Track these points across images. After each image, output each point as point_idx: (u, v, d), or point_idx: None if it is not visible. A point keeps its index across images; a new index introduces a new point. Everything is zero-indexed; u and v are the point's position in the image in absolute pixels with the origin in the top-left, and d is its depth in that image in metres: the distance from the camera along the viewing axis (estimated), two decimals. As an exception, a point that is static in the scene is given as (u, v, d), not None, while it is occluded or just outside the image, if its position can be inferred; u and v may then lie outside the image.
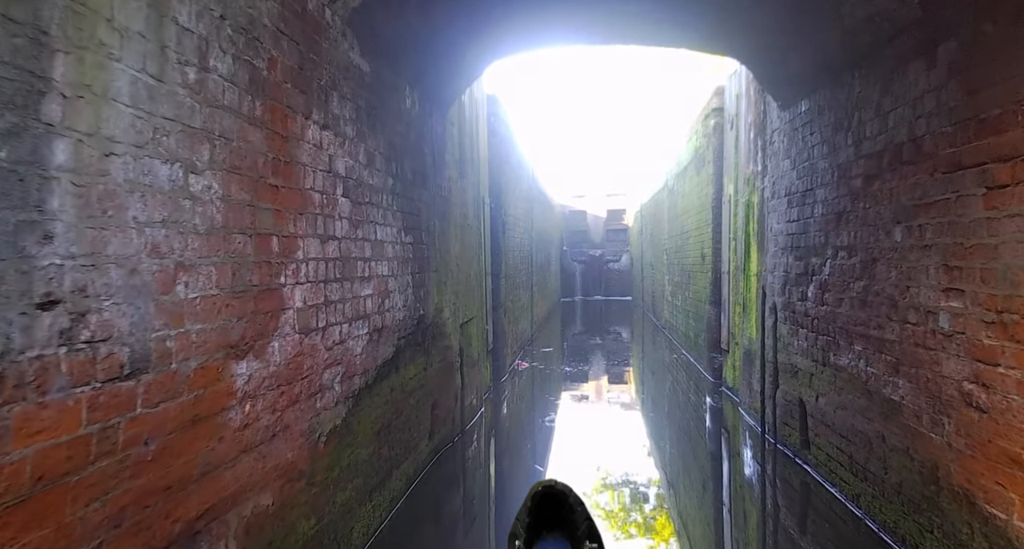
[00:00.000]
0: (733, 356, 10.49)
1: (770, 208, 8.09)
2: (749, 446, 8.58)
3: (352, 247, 4.83)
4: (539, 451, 8.77)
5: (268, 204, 3.61)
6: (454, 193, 8.25)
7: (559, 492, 2.86)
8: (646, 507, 6.72)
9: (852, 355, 5.71)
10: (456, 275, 8.25)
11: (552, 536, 2.80)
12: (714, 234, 11.89)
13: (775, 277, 7.83)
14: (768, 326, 8.09)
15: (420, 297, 6.60)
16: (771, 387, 7.96)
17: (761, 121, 8.62)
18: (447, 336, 7.72)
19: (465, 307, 8.85)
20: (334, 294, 4.49)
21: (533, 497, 2.87)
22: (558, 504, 2.86)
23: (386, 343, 5.59)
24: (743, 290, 9.63)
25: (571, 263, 36.80)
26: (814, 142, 6.64)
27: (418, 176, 6.64)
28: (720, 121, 11.65)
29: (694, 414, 10.61)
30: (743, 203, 9.72)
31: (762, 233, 8.53)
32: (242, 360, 3.34)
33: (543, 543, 2.79)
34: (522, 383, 12.84)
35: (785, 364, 7.46)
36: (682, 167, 15.59)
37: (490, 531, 6.06)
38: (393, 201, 5.81)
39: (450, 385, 7.88)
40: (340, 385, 4.64)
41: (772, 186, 8.03)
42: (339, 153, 4.64)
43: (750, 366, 9.03)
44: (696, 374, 13.09)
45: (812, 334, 6.63)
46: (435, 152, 7.36)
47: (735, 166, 10.45)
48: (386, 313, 5.54)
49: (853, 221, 5.70)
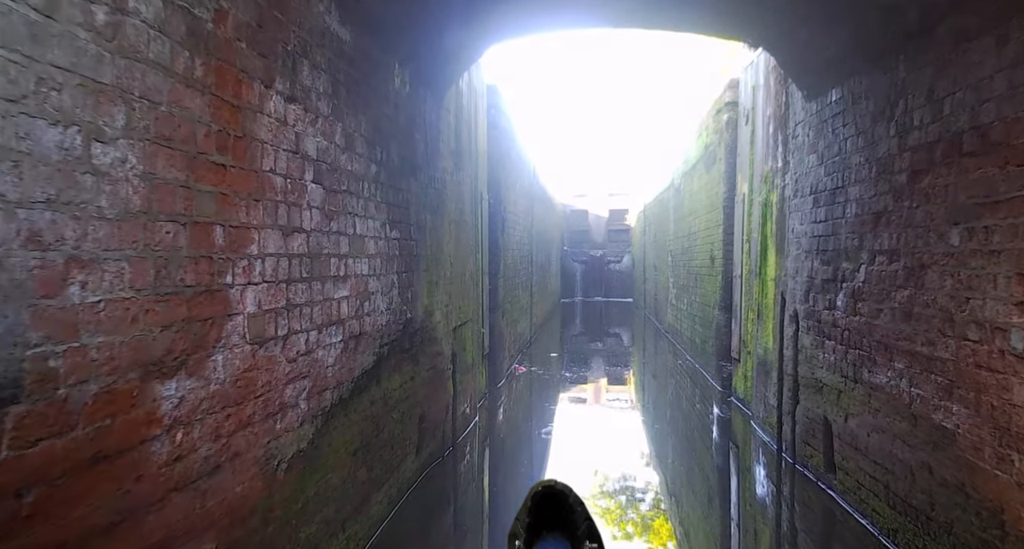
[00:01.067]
0: (745, 365, 9.84)
1: (792, 207, 7.44)
2: (763, 464, 7.93)
3: (324, 241, 4.18)
4: (536, 465, 8.11)
5: (211, 186, 2.96)
6: (449, 186, 7.60)
7: (559, 492, 2.80)
8: (652, 526, 6.07)
9: (892, 373, 5.06)
10: (449, 275, 7.60)
11: (552, 536, 2.75)
12: (725, 235, 11.23)
13: (797, 283, 7.18)
14: (788, 336, 7.44)
15: (407, 299, 5.95)
16: (790, 402, 7.31)
17: (782, 114, 7.97)
18: (438, 341, 7.06)
19: (459, 309, 8.20)
20: (300, 296, 3.83)
21: (533, 497, 2.81)
22: (558, 504, 2.80)
23: (365, 351, 4.93)
24: (758, 295, 8.98)
25: (572, 263, 36.14)
26: (847, 134, 5.98)
27: (407, 165, 5.99)
28: (734, 115, 10.99)
29: (701, 425, 9.96)
30: (759, 202, 9.07)
31: (781, 235, 7.87)
32: (170, 379, 2.69)
33: (543, 543, 2.73)
34: (520, 389, 12.19)
35: (808, 378, 6.80)
36: (690, 165, 14.94)
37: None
38: (377, 191, 5.15)
39: (441, 395, 7.23)
40: (307, 402, 3.99)
41: (795, 184, 7.38)
42: (309, 132, 3.99)
43: (765, 378, 8.38)
44: (702, 382, 12.44)
45: (841, 347, 5.98)
46: (428, 140, 6.70)
47: (750, 163, 9.80)
48: (365, 317, 4.88)
49: (896, 222, 5.05)
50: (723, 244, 11.30)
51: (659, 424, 10.16)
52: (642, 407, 11.56)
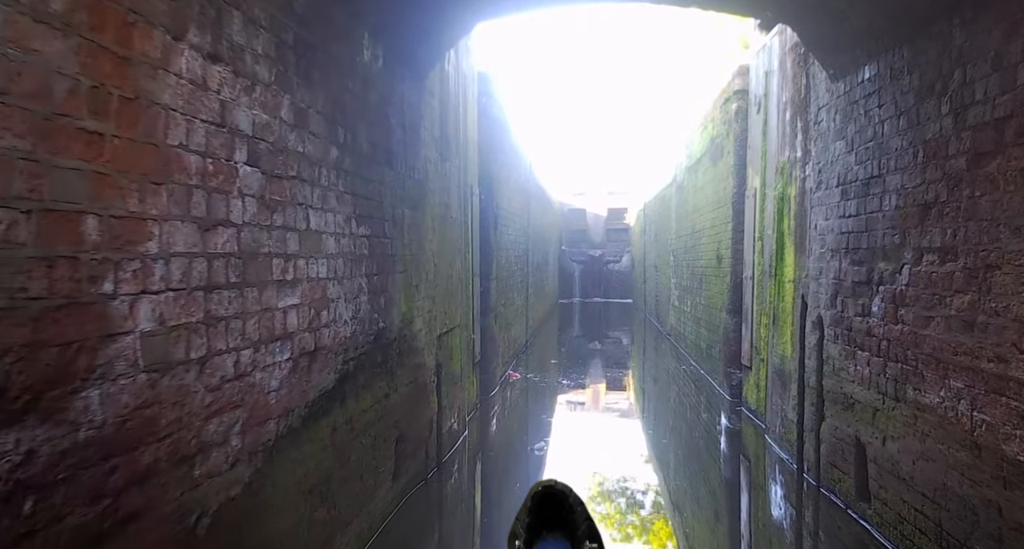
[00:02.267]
0: (757, 374, 9.08)
1: (815, 201, 6.67)
2: (781, 484, 7.16)
3: (264, 238, 3.40)
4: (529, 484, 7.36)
5: (78, 161, 2.18)
6: (432, 178, 6.83)
7: (559, 492, 2.77)
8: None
9: (947, 393, 4.29)
10: (433, 277, 6.82)
11: (552, 536, 2.73)
12: (734, 233, 10.46)
13: (821, 285, 6.41)
14: (810, 344, 6.67)
15: (379, 305, 5.17)
16: (814, 418, 6.54)
17: (802, 98, 7.20)
18: (419, 351, 6.29)
19: (445, 315, 7.42)
20: (226, 307, 3.05)
21: (533, 497, 2.78)
22: (558, 504, 2.78)
23: (324, 369, 4.16)
24: (772, 298, 8.22)
25: (570, 263, 35.35)
26: (884, 116, 5.22)
27: (379, 151, 5.21)
28: (743, 104, 10.23)
29: (709, 438, 9.18)
30: (774, 197, 8.30)
31: (802, 231, 7.11)
32: (7, 429, 1.92)
33: (543, 543, 2.71)
34: (514, 398, 11.41)
35: (835, 392, 6.04)
36: (694, 159, 14.17)
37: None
38: (339, 179, 4.37)
39: (422, 411, 6.46)
40: (241, 437, 3.21)
41: (817, 175, 6.61)
42: (243, 101, 3.21)
43: (783, 389, 7.61)
44: (708, 390, 11.67)
45: (878, 359, 5.22)
46: (407, 125, 5.93)
47: (762, 155, 9.04)
48: (323, 330, 4.10)
49: (951, 215, 4.28)
50: (731, 242, 10.54)
51: (664, 437, 9.38)
52: (644, 417, 10.78)
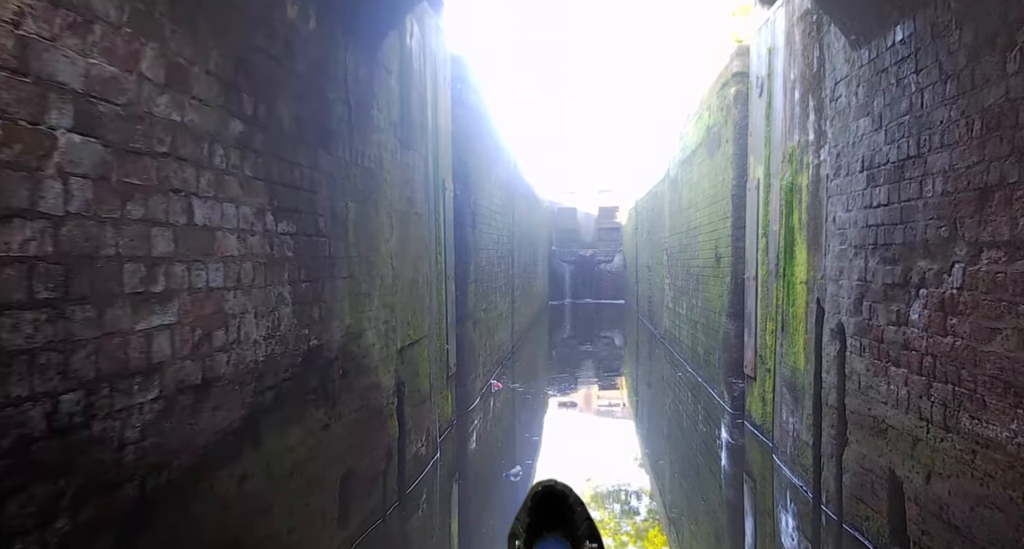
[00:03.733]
0: (762, 385, 8.17)
1: (832, 190, 5.77)
2: (795, 514, 6.26)
3: (106, 236, 2.46)
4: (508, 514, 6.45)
5: None
6: (390, 168, 5.90)
7: (559, 492, 2.54)
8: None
9: (1022, 426, 3.38)
10: (391, 282, 5.89)
11: (552, 536, 2.51)
12: (734, 229, 9.56)
13: (842, 287, 5.51)
14: (829, 356, 5.76)
15: (311, 319, 4.23)
16: (834, 442, 5.64)
17: (814, 73, 6.30)
18: (371, 370, 5.35)
19: (409, 324, 6.49)
20: (25, 334, 2.11)
21: (533, 497, 2.52)
22: (558, 504, 2.56)
23: (222, 406, 3.21)
24: (781, 301, 7.31)
25: (560, 264, 34.41)
26: (924, 83, 4.31)
27: (312, 131, 4.28)
28: (743, 88, 9.32)
29: (709, 453, 8.26)
30: (781, 188, 7.40)
31: (816, 225, 6.21)
32: None
33: (543, 543, 2.50)
34: (496, 412, 10.47)
35: (862, 414, 5.13)
36: (689, 152, 13.27)
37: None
38: (244, 161, 3.43)
39: (378, 438, 5.52)
40: (71, 516, 2.27)
41: (835, 159, 5.71)
42: (67, 43, 2.27)
43: (794, 405, 6.70)
44: (707, 400, 10.76)
45: (920, 378, 4.31)
46: (352, 103, 5.00)
47: (766, 142, 8.14)
48: (218, 355, 3.16)
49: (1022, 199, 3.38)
50: (731, 240, 9.63)
51: (661, 456, 8.46)
52: (638, 432, 9.86)
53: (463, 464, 7.96)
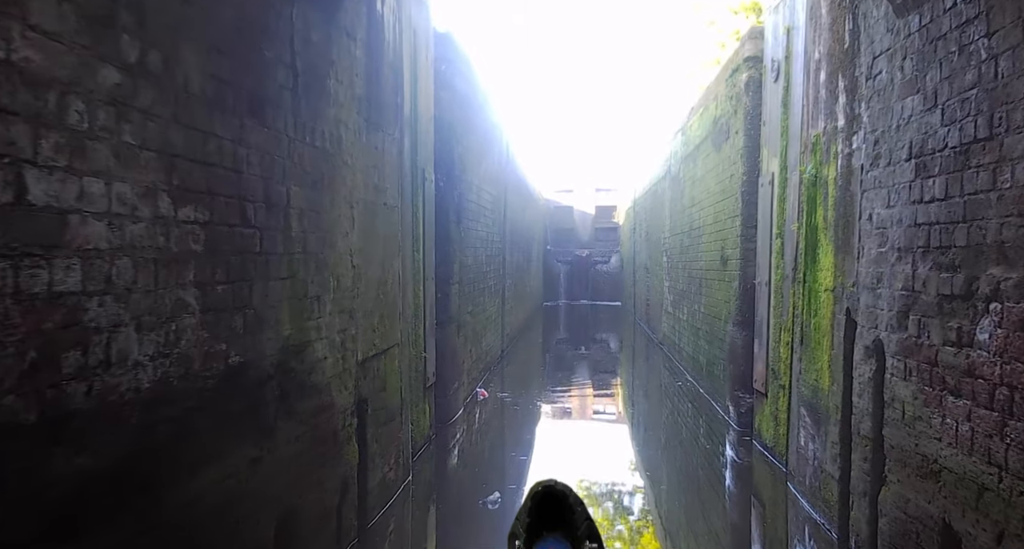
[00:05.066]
0: (775, 403, 7.34)
1: (869, 182, 4.94)
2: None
3: None
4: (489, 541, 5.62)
5: None
6: (351, 149, 5.05)
7: (559, 492, 2.62)
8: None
9: None
10: (351, 283, 5.04)
11: (552, 536, 2.61)
12: (743, 229, 8.72)
13: (881, 297, 4.67)
14: (862, 377, 4.93)
15: (232, 330, 3.38)
16: (868, 478, 4.80)
17: (846, 49, 5.47)
18: (321, 389, 4.50)
19: (375, 332, 5.65)
20: None
21: (533, 497, 2.61)
22: (558, 504, 2.63)
23: (78, 451, 2.36)
24: (800, 311, 6.48)
25: (556, 264, 33.54)
26: (1000, 47, 3.48)
27: (239, 95, 3.43)
28: (755, 74, 8.49)
29: (711, 471, 7.42)
30: (801, 182, 6.57)
31: (846, 224, 5.37)
32: None
33: (543, 543, 2.59)
34: (481, 426, 9.62)
35: (906, 450, 4.29)
36: (692, 147, 12.43)
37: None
38: (123, 123, 2.57)
39: (330, 468, 4.68)
40: None
41: (873, 146, 4.87)
42: None
43: (816, 429, 5.87)
44: (709, 413, 9.93)
45: (990, 413, 3.47)
46: (301, 68, 4.15)
47: (782, 131, 7.31)
48: (66, 385, 2.31)
49: None
50: (740, 240, 8.79)
51: (662, 477, 7.62)
52: (637, 450, 9.02)
53: (439, 488, 7.11)
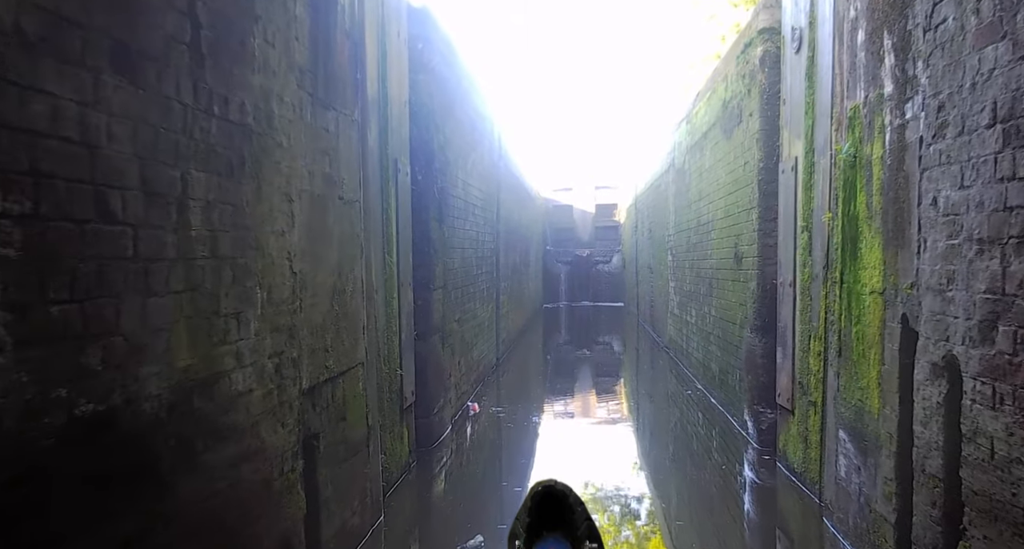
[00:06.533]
0: (804, 422, 6.37)
1: (931, 157, 3.97)
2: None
3: None
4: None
5: None
6: (288, 129, 4.09)
7: (559, 492, 2.46)
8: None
9: None
10: (290, 295, 4.08)
11: (552, 536, 2.46)
12: (761, 222, 7.75)
13: (953, 301, 3.71)
14: (928, 401, 3.95)
15: (81, 368, 2.42)
16: (936, 528, 3.83)
17: (891, 1, 4.51)
18: (244, 431, 3.54)
19: (328, 352, 4.69)
20: None
21: (533, 497, 2.44)
22: (558, 504, 2.48)
23: None
24: (836, 316, 5.51)
25: (555, 264, 32.55)
26: None
27: (101, 45, 2.47)
28: (773, 47, 7.52)
29: (726, 491, 6.43)
30: (835, 164, 5.60)
31: (899, 211, 4.40)
32: None
33: (543, 543, 2.45)
34: (469, 447, 8.65)
35: (996, 500, 3.32)
36: (699, 135, 11.46)
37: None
38: None
39: (262, 528, 3.71)
40: None
41: (937, 112, 3.91)
42: None
43: (862, 459, 4.90)
44: (723, 425, 8.96)
45: None
46: (206, 20, 3.19)
47: (808, 109, 6.34)
48: None
49: None
50: (758, 235, 7.82)
51: (675, 501, 6.64)
52: (646, 468, 8.04)
53: (416, 530, 6.14)
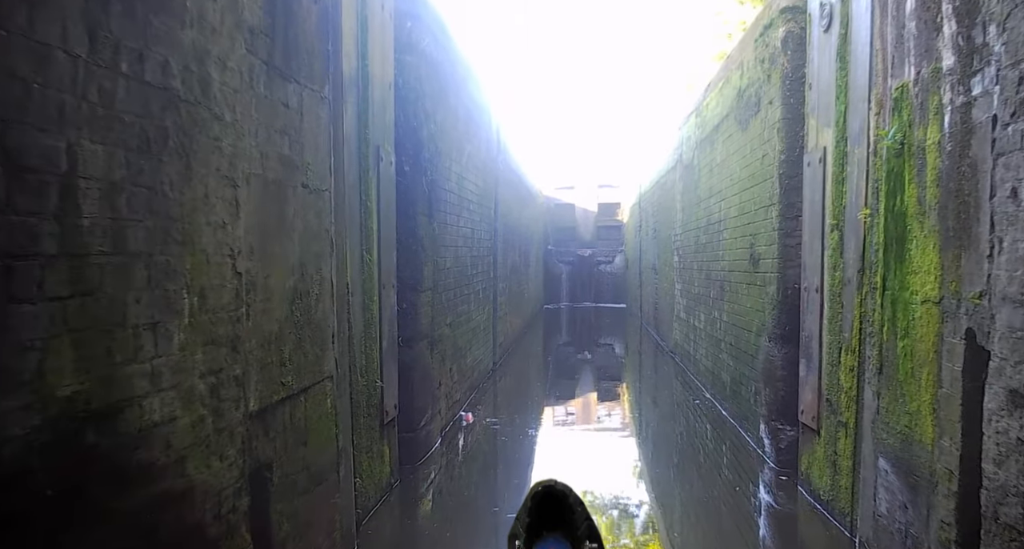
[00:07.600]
0: (832, 444, 5.68)
1: (1009, 140, 3.27)
2: None
3: None
4: None
5: None
6: (231, 99, 3.41)
7: (559, 492, 2.66)
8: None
9: None
10: (231, 300, 3.39)
11: (552, 536, 2.65)
12: (782, 221, 7.05)
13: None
14: (1003, 435, 3.26)
15: None
16: (1016, 594, 3.14)
17: (952, -44, 3.81)
18: (164, 470, 2.85)
19: (285, 366, 4.00)
20: None
21: (533, 497, 2.66)
22: (558, 504, 2.67)
23: None
24: (877, 327, 4.82)
25: (557, 264, 31.86)
26: None
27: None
28: (796, 27, 6.83)
29: (741, 518, 5.79)
30: (873, 153, 4.91)
31: (961, 206, 3.71)
32: None
33: (543, 543, 2.63)
34: (461, 464, 7.95)
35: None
36: (710, 128, 10.76)
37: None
38: None
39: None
40: None
41: (1016, 87, 3.20)
42: None
43: (911, 496, 4.22)
44: (737, 442, 8.27)
45: None
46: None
47: (840, 93, 5.65)
48: None
49: None
50: (778, 235, 7.12)
51: (688, 526, 5.95)
52: (653, 488, 7.34)
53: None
